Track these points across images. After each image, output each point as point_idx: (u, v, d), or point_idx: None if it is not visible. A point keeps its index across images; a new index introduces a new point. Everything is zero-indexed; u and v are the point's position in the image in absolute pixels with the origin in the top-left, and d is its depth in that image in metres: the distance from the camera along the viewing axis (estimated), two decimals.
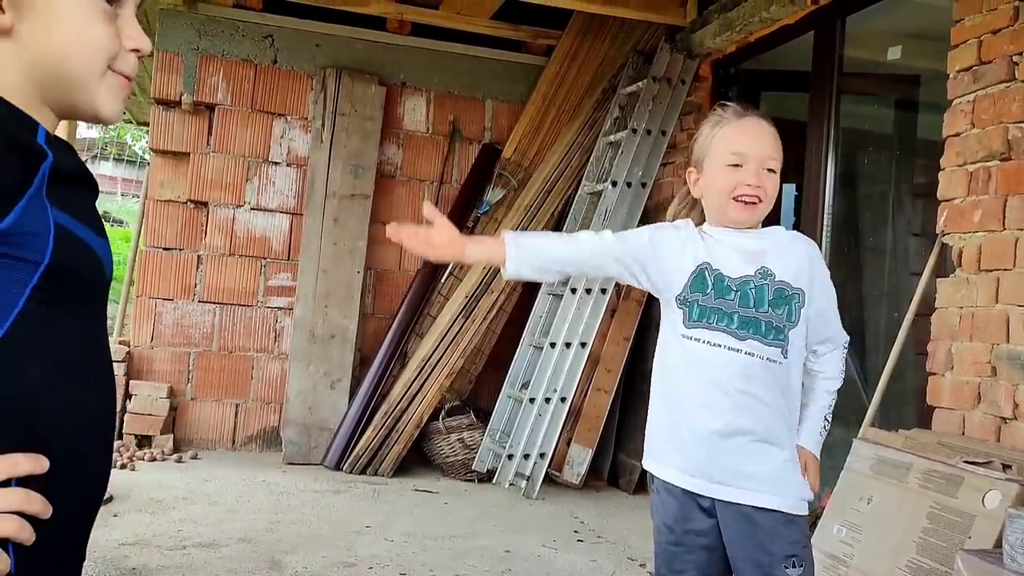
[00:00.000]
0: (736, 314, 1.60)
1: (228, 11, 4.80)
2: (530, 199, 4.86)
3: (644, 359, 4.61)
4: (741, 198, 1.61)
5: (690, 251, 1.64)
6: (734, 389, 1.59)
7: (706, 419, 1.60)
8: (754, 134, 1.64)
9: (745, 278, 1.61)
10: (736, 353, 1.59)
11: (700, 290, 1.62)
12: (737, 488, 1.59)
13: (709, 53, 4.46)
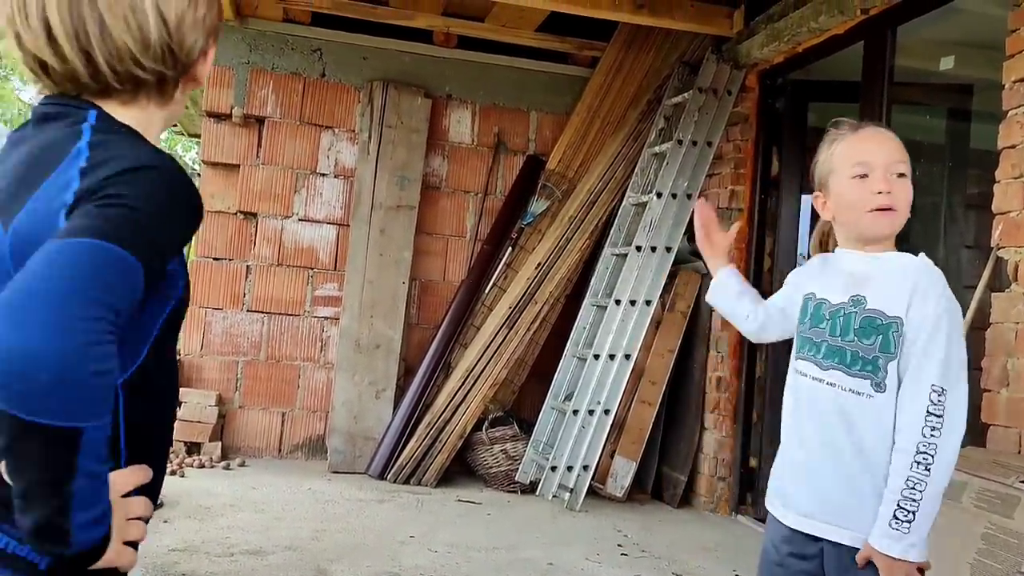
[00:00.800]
0: (824, 343, 1.55)
1: (278, 25, 4.89)
2: (574, 210, 4.86)
3: (689, 372, 4.58)
4: (874, 208, 1.53)
5: (803, 284, 1.65)
6: (821, 422, 1.55)
7: (797, 449, 1.59)
8: (875, 141, 1.57)
9: (840, 306, 1.56)
10: (819, 383, 1.55)
11: (803, 320, 1.61)
12: (823, 523, 1.54)
13: (756, 63, 4.43)
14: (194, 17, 0.95)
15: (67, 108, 0.94)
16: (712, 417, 4.43)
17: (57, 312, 0.75)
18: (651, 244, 4.41)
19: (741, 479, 4.33)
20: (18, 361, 0.73)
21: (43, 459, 0.76)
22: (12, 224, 0.86)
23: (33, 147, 0.92)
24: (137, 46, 0.92)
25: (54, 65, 0.92)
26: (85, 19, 0.90)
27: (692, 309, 4.57)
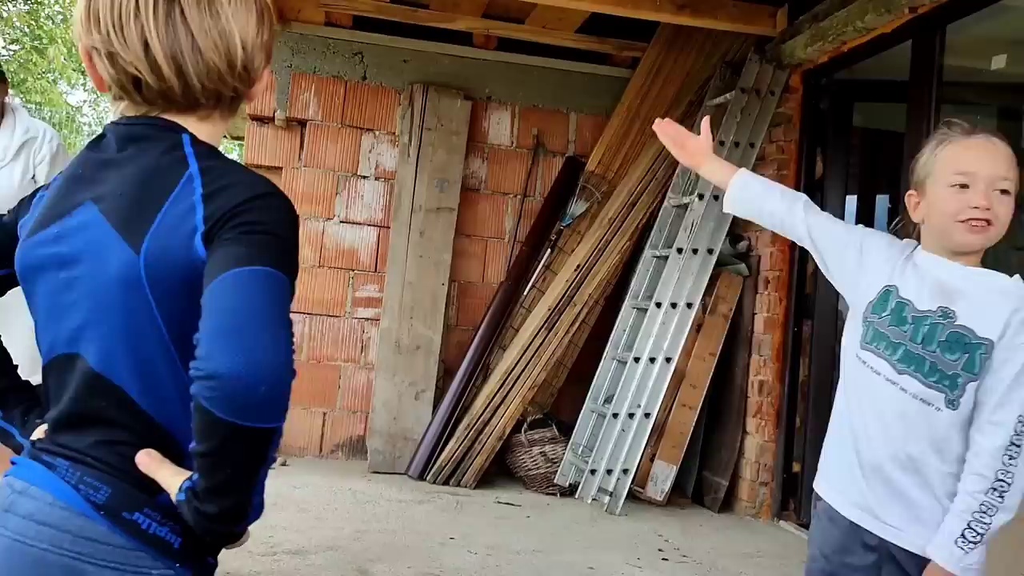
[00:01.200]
0: (903, 346, 1.53)
1: (320, 29, 4.93)
2: (614, 212, 4.84)
3: (730, 375, 4.54)
4: (969, 221, 1.50)
5: (887, 269, 1.60)
6: (888, 424, 1.53)
7: (867, 449, 1.56)
8: (983, 152, 1.52)
9: (926, 313, 1.52)
10: (892, 386, 1.53)
11: (879, 312, 1.57)
12: (895, 528, 1.53)
13: (800, 63, 4.37)
14: (260, 40, 1.05)
15: (155, 130, 1.02)
16: (754, 421, 4.38)
17: (269, 333, 0.86)
18: (692, 246, 4.37)
19: (784, 484, 4.28)
20: (243, 378, 0.83)
21: (247, 455, 0.88)
22: (143, 248, 0.94)
23: (138, 171, 0.99)
24: (224, 65, 1.01)
25: (150, 82, 0.99)
26: (180, 41, 0.98)
27: (734, 312, 4.53)
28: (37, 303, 1.05)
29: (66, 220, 1.01)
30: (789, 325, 4.32)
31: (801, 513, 4.23)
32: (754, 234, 4.57)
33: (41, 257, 1.03)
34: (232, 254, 0.91)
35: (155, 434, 0.98)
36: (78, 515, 0.95)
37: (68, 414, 1.00)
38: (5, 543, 0.96)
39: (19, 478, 1.01)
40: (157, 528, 0.96)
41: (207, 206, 0.95)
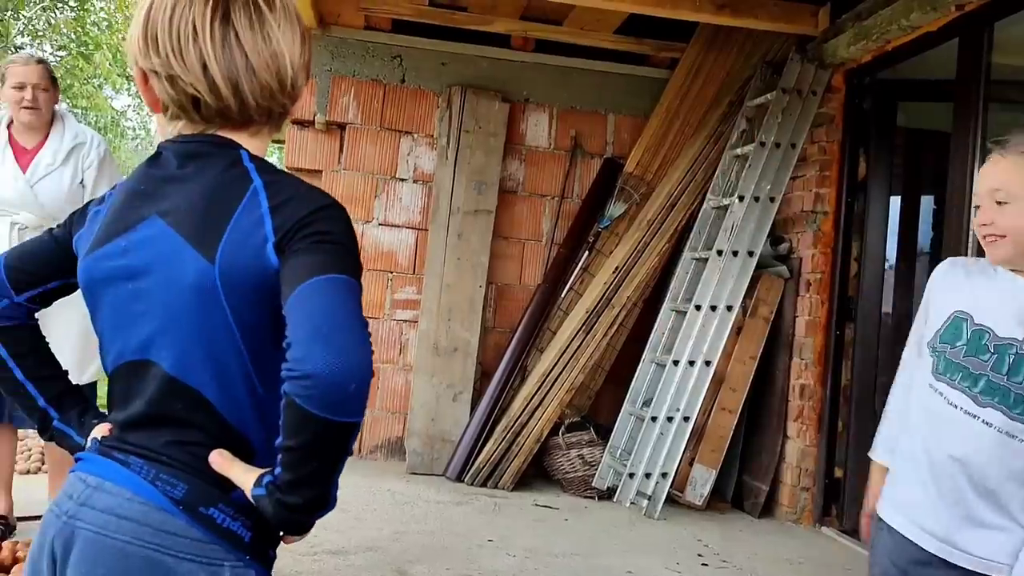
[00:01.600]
0: (984, 377, 1.49)
1: (359, 33, 4.97)
2: (653, 213, 4.81)
3: (771, 379, 4.49)
4: (985, 239, 1.53)
5: (948, 296, 1.58)
6: (963, 456, 1.51)
7: (945, 477, 1.54)
8: (985, 169, 1.56)
9: (1010, 341, 1.48)
10: (972, 419, 1.49)
11: (950, 342, 1.54)
12: (972, 556, 1.51)
13: (842, 63, 4.31)
14: (303, 60, 1.11)
15: (213, 147, 1.08)
16: (795, 426, 4.33)
17: (357, 335, 0.93)
18: (732, 248, 4.33)
19: (825, 490, 4.22)
20: (336, 377, 0.90)
21: (333, 448, 0.94)
22: (217, 257, 1.00)
23: (204, 186, 1.05)
24: (275, 84, 1.07)
25: (209, 102, 1.05)
26: (236, 62, 1.04)
27: (775, 315, 4.47)
28: (103, 314, 1.10)
29: (131, 234, 1.06)
30: (831, 328, 4.26)
31: (843, 519, 4.17)
32: (795, 236, 4.52)
33: (107, 270, 1.07)
34: (309, 263, 0.97)
35: (227, 434, 1.05)
36: (157, 510, 1.01)
37: (140, 415, 1.06)
38: (87, 536, 1.01)
39: (91, 473, 1.06)
40: (231, 522, 1.02)
41: (275, 218, 1.01)
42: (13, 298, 1.16)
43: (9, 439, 3.19)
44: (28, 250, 1.19)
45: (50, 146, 3.17)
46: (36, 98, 3.08)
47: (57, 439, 1.20)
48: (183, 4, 1.03)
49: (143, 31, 1.05)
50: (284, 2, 1.09)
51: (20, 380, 1.17)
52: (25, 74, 3.08)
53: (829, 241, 4.30)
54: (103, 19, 12.74)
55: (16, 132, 3.16)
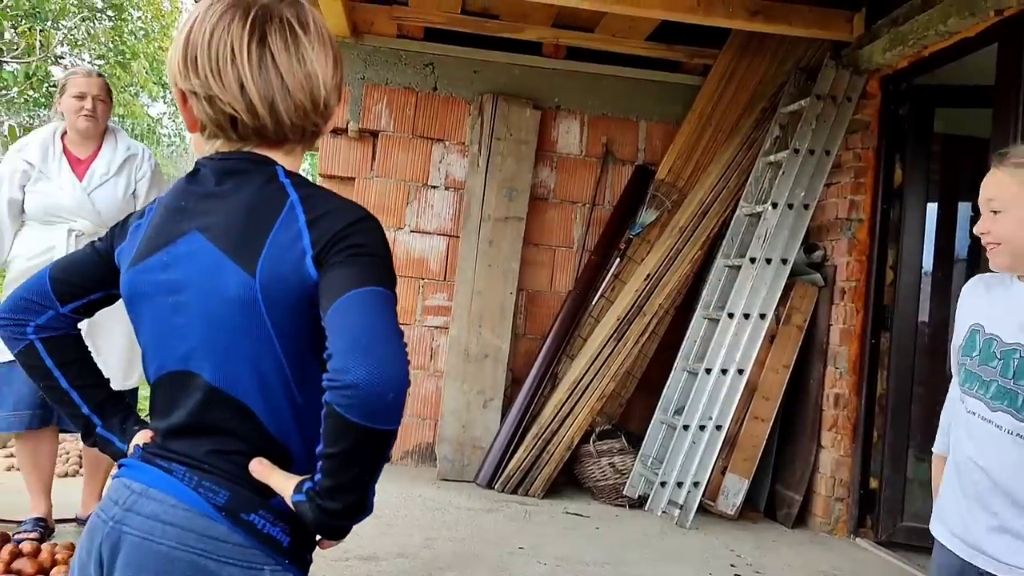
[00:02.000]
0: (995, 383, 1.54)
1: (392, 41, 5.00)
2: (685, 220, 4.79)
3: (805, 388, 4.44)
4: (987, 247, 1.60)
5: (973, 310, 1.64)
6: (985, 463, 1.55)
7: (969, 485, 1.58)
8: (984, 180, 1.62)
9: (1015, 346, 1.53)
10: (987, 424, 1.54)
11: (968, 353, 1.60)
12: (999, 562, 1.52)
13: (878, 69, 4.26)
14: (335, 81, 1.14)
15: (250, 164, 1.11)
16: (829, 435, 4.28)
17: (395, 346, 0.96)
18: (766, 256, 4.29)
19: (860, 500, 4.17)
20: (376, 387, 0.93)
21: (372, 455, 0.98)
22: (257, 271, 1.04)
23: (242, 202, 1.08)
24: (309, 103, 1.10)
25: (246, 121, 1.09)
26: (272, 83, 1.07)
27: (808, 323, 4.43)
28: (145, 326, 1.14)
29: (172, 248, 1.10)
30: (866, 337, 4.21)
31: (879, 530, 4.11)
32: (830, 243, 4.47)
33: (149, 284, 1.11)
34: (346, 276, 1.00)
35: (267, 442, 1.08)
36: (200, 516, 1.05)
37: (183, 424, 1.10)
38: (133, 541, 1.05)
39: (136, 480, 1.10)
40: (270, 528, 1.06)
41: (312, 231, 1.04)
42: (59, 309, 1.20)
43: (51, 443, 3.25)
44: (72, 262, 1.23)
45: (104, 156, 3.27)
46: (95, 108, 3.21)
47: (100, 445, 1.24)
48: (221, 28, 1.07)
49: (183, 54, 1.08)
50: (318, 25, 1.12)
51: (65, 388, 1.21)
52: (87, 85, 3.22)
53: (864, 249, 4.25)
54: (140, 28, 12.94)
55: (70, 143, 3.26)
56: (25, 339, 1.20)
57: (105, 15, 12.37)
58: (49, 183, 3.18)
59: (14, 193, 3.17)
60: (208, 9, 1.09)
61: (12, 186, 3.17)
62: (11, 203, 3.17)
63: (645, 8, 4.20)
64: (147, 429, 1.18)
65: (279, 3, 1.10)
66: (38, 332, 1.20)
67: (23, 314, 1.19)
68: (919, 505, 4.11)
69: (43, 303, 1.20)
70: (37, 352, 1.20)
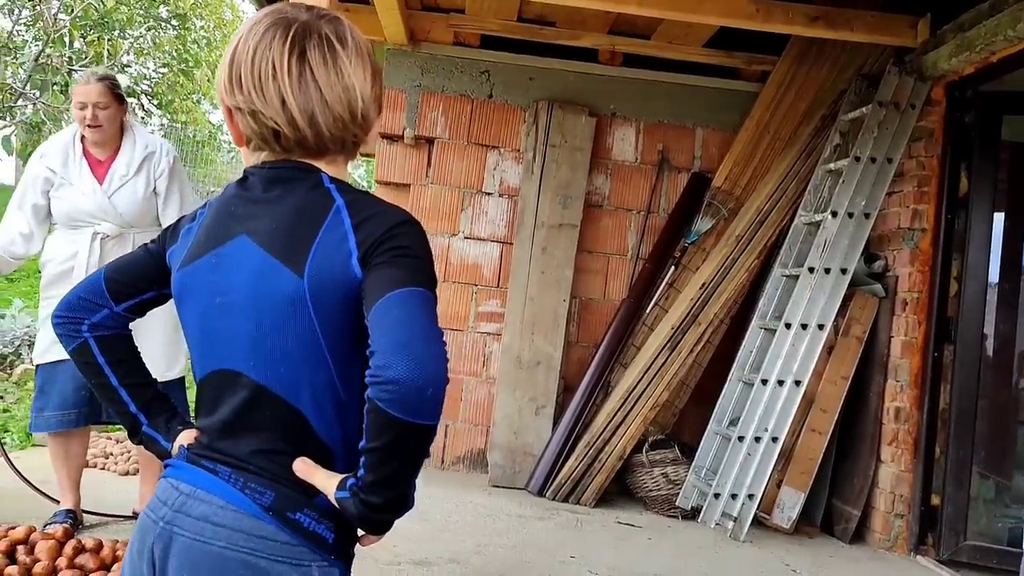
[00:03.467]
0: None
1: (448, 49, 5.04)
2: (741, 229, 4.73)
3: (864, 400, 4.35)
4: None
5: None
6: None
7: None
8: None
9: None
10: None
11: None
12: None
13: (943, 75, 4.16)
14: (374, 94, 1.17)
15: (296, 172, 1.15)
16: (889, 450, 4.18)
17: (434, 344, 1.00)
18: (825, 265, 4.22)
19: (921, 517, 4.06)
20: (417, 382, 0.97)
21: (412, 449, 1.01)
22: (305, 272, 1.07)
23: (290, 207, 1.13)
24: (347, 115, 1.14)
25: (288, 134, 1.13)
26: (312, 97, 1.11)
27: (868, 334, 4.34)
28: (193, 325, 1.18)
29: (221, 250, 1.14)
30: (929, 350, 4.10)
31: (940, 549, 4.00)
32: (891, 253, 4.37)
33: (198, 284, 1.16)
34: (389, 276, 1.04)
35: (310, 440, 1.11)
36: (248, 516, 1.08)
37: (228, 423, 1.14)
38: (185, 542, 1.09)
39: (183, 481, 1.14)
40: (316, 525, 1.09)
41: (358, 233, 1.08)
42: (113, 308, 1.25)
43: (81, 439, 3.34)
44: (126, 263, 1.29)
45: (123, 158, 3.30)
46: (96, 116, 3.20)
47: (146, 443, 1.29)
48: (264, 45, 1.11)
49: (228, 71, 1.13)
50: (356, 40, 1.16)
51: (115, 386, 1.26)
52: (86, 93, 3.21)
53: (927, 259, 4.15)
54: (203, 37, 13.25)
55: (89, 145, 3.30)
56: (80, 337, 1.24)
57: (170, 24, 12.69)
58: (71, 189, 3.23)
59: (37, 199, 3.24)
60: (252, 28, 1.14)
61: (35, 192, 3.24)
62: (36, 208, 3.25)
63: (703, 15, 4.17)
64: (192, 429, 1.22)
65: (318, 19, 1.14)
66: (92, 330, 1.24)
67: (79, 312, 1.24)
68: (983, 523, 3.99)
69: (98, 301, 1.24)
70: (90, 349, 1.24)
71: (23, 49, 9.12)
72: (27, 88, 7.62)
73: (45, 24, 7.89)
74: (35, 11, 8.97)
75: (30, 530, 2.92)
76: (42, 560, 2.75)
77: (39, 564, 2.73)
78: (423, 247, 1.09)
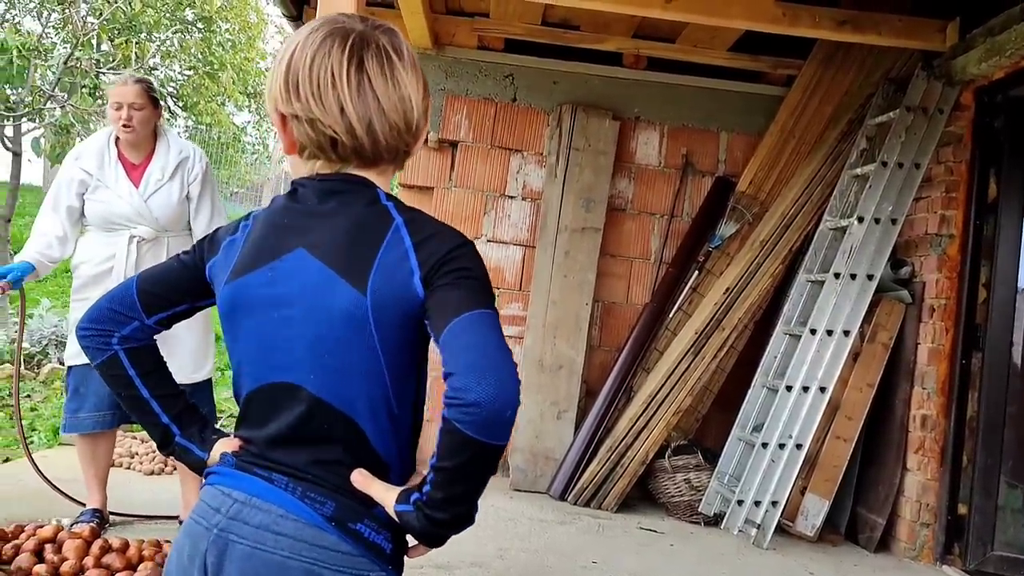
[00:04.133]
0: None
1: (472, 53, 5.05)
2: (766, 234, 4.70)
3: (890, 408, 4.31)
4: None
5: None
6: None
7: None
8: None
9: None
10: None
11: None
12: None
13: (972, 80, 4.12)
14: (424, 104, 1.19)
15: (351, 185, 1.16)
16: (916, 458, 4.13)
17: (510, 367, 1.01)
18: (851, 271, 4.18)
19: (948, 527, 4.01)
20: (497, 404, 0.98)
21: (486, 468, 1.02)
22: (368, 288, 1.08)
23: (348, 222, 1.13)
24: (403, 124, 1.15)
25: (345, 142, 1.13)
26: (370, 105, 1.12)
27: (894, 341, 4.29)
28: (245, 339, 1.16)
29: (277, 264, 1.13)
30: (956, 357, 4.06)
31: (967, 559, 3.95)
32: (918, 259, 4.33)
33: (252, 297, 1.15)
34: (457, 298, 1.06)
35: (366, 452, 1.12)
36: (310, 526, 1.09)
37: (283, 434, 1.13)
38: (245, 550, 1.09)
39: (237, 488, 1.13)
40: (375, 536, 1.11)
41: (419, 252, 1.09)
42: (144, 320, 1.23)
43: (109, 439, 3.37)
44: (158, 274, 1.26)
45: (157, 162, 3.33)
46: (131, 117, 3.23)
47: (178, 454, 1.26)
48: (322, 54, 1.12)
49: (284, 79, 1.13)
50: (409, 52, 1.18)
51: (146, 398, 1.24)
52: (122, 94, 3.23)
53: (955, 265, 4.10)
54: (228, 40, 13.36)
55: (123, 148, 3.33)
56: (109, 350, 1.22)
57: (195, 27, 12.81)
58: (107, 191, 3.26)
59: (72, 201, 3.27)
60: (308, 37, 1.14)
61: (70, 194, 3.27)
62: (70, 210, 3.27)
63: (728, 18, 4.15)
64: (234, 438, 1.20)
65: (374, 30, 1.16)
66: (123, 343, 1.22)
67: (107, 324, 1.22)
68: (1011, 533, 3.94)
69: (129, 314, 1.22)
70: (120, 362, 1.22)
71: (52, 52, 9.24)
72: (56, 90, 7.71)
73: (74, 27, 7.99)
74: (64, 14, 9.09)
75: (57, 529, 2.95)
76: (69, 559, 2.77)
77: (66, 563, 2.76)
78: (482, 268, 1.11)
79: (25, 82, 7.30)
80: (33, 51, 7.36)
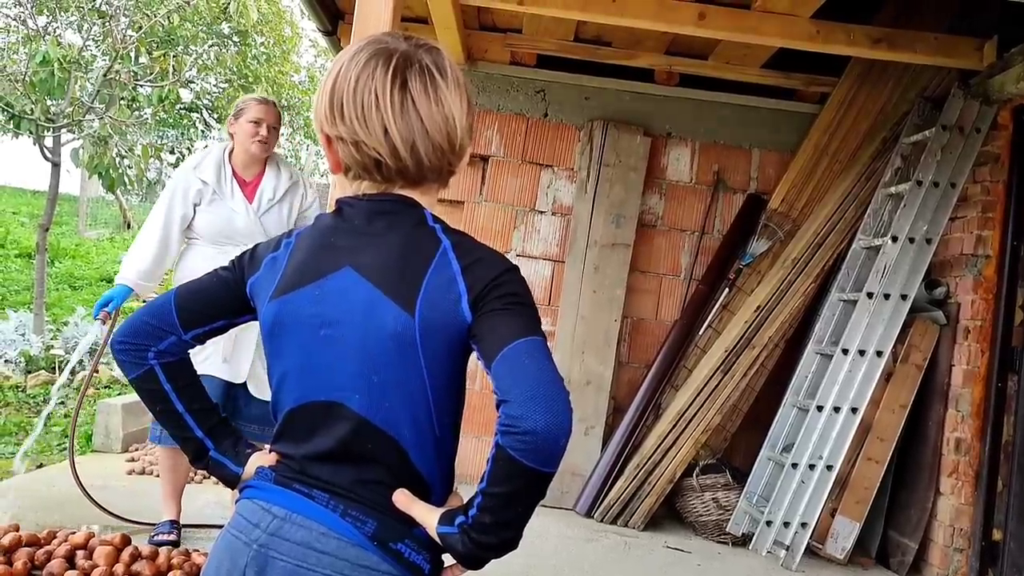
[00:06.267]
0: None
1: (504, 68, 5.08)
2: (798, 252, 4.66)
3: (923, 430, 4.24)
4: None
5: None
6: None
7: None
8: None
9: None
10: None
11: None
12: None
13: (1010, 99, 4.07)
14: (468, 123, 1.19)
15: (399, 206, 1.16)
16: (949, 482, 4.06)
17: (564, 395, 1.01)
18: (884, 291, 4.13)
19: (982, 552, 3.93)
20: (553, 433, 0.98)
21: (536, 494, 1.03)
22: (416, 310, 1.08)
23: (397, 243, 1.13)
24: (446, 144, 1.15)
25: (390, 163, 1.13)
26: (414, 126, 1.12)
27: (928, 362, 4.23)
28: (289, 356, 1.16)
29: (324, 283, 1.13)
30: (992, 380, 3.99)
31: None
32: (953, 280, 4.27)
33: (298, 315, 1.14)
34: (509, 324, 1.06)
35: (408, 473, 1.12)
36: (352, 545, 1.09)
37: (326, 452, 1.13)
38: (286, 568, 1.09)
39: (276, 504, 1.13)
40: (415, 556, 1.11)
41: (467, 276, 1.09)
42: (182, 335, 1.23)
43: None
44: (197, 289, 1.25)
45: (268, 182, 3.42)
46: (269, 134, 3.36)
47: (211, 468, 1.26)
48: (366, 75, 1.12)
49: (329, 101, 1.13)
50: (453, 70, 1.17)
51: (180, 412, 1.24)
52: (264, 111, 3.38)
53: (991, 287, 4.04)
54: (262, 53, 13.54)
55: (236, 164, 3.41)
56: (145, 364, 1.21)
57: (232, 40, 13.00)
58: (223, 204, 3.34)
59: (186, 209, 3.33)
60: (352, 58, 1.14)
61: (185, 202, 3.33)
62: (183, 219, 3.34)
63: (762, 36, 4.13)
64: (275, 453, 1.19)
65: (418, 49, 1.15)
66: (159, 357, 1.22)
67: (144, 338, 1.21)
68: None
69: (166, 328, 1.22)
70: (156, 377, 1.22)
71: (92, 64, 9.41)
72: (95, 102, 7.86)
73: (114, 40, 8.14)
74: (105, 28, 9.26)
75: (89, 536, 2.99)
76: (100, 566, 2.81)
77: (97, 570, 2.79)
78: (530, 295, 1.12)
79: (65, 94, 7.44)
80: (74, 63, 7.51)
